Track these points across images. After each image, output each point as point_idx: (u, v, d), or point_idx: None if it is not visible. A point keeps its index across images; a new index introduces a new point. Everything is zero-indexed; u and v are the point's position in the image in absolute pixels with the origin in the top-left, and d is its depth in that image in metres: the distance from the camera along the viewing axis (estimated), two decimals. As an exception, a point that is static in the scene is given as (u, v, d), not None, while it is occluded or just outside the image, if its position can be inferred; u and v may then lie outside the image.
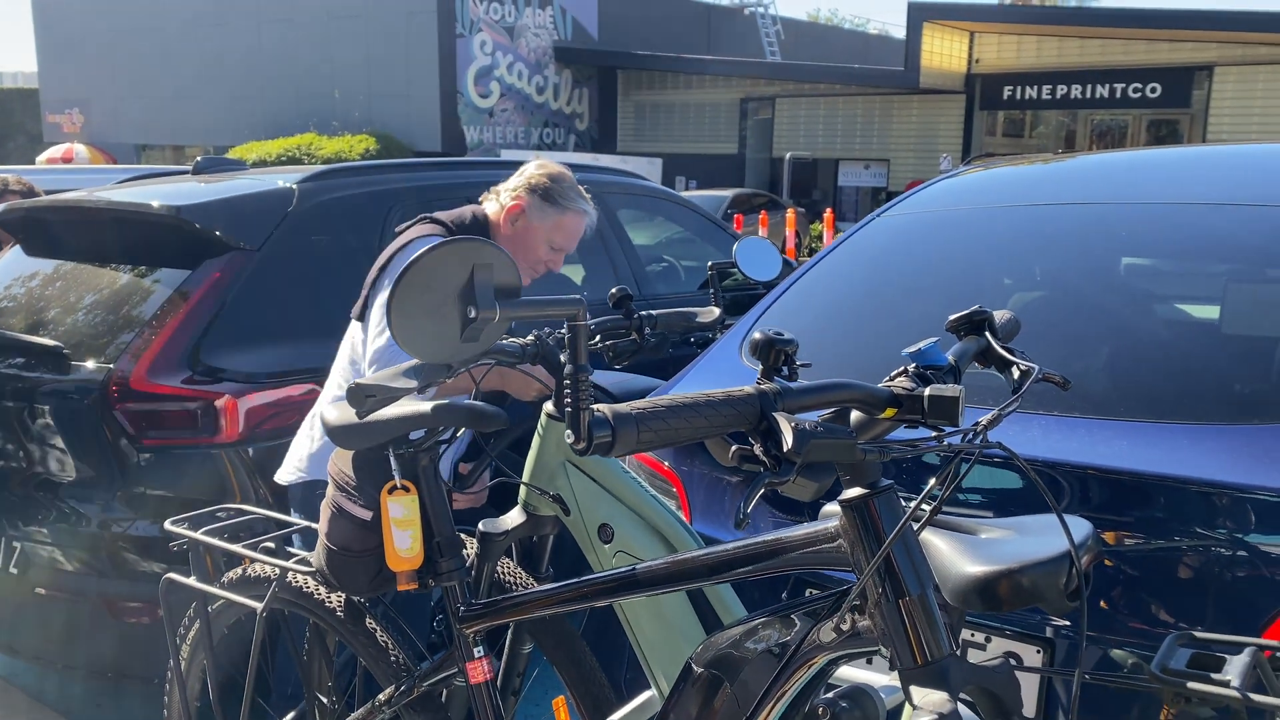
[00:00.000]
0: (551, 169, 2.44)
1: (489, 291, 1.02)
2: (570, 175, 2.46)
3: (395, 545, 1.46)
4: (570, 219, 2.41)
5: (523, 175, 2.42)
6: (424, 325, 1.03)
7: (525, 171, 2.44)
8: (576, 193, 2.43)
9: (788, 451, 0.87)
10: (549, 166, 2.45)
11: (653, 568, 1.27)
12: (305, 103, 23.40)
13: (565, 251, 2.45)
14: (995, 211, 2.55)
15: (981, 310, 1.25)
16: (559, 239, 2.41)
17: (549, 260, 2.44)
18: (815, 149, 22.99)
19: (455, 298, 1.02)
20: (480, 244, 1.03)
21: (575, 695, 1.67)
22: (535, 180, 2.39)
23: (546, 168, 2.44)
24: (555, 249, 2.42)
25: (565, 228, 2.41)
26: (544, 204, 2.38)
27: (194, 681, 1.93)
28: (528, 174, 2.42)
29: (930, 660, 1.06)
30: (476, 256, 1.02)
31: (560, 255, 2.45)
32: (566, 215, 2.40)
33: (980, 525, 1.25)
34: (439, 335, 1.03)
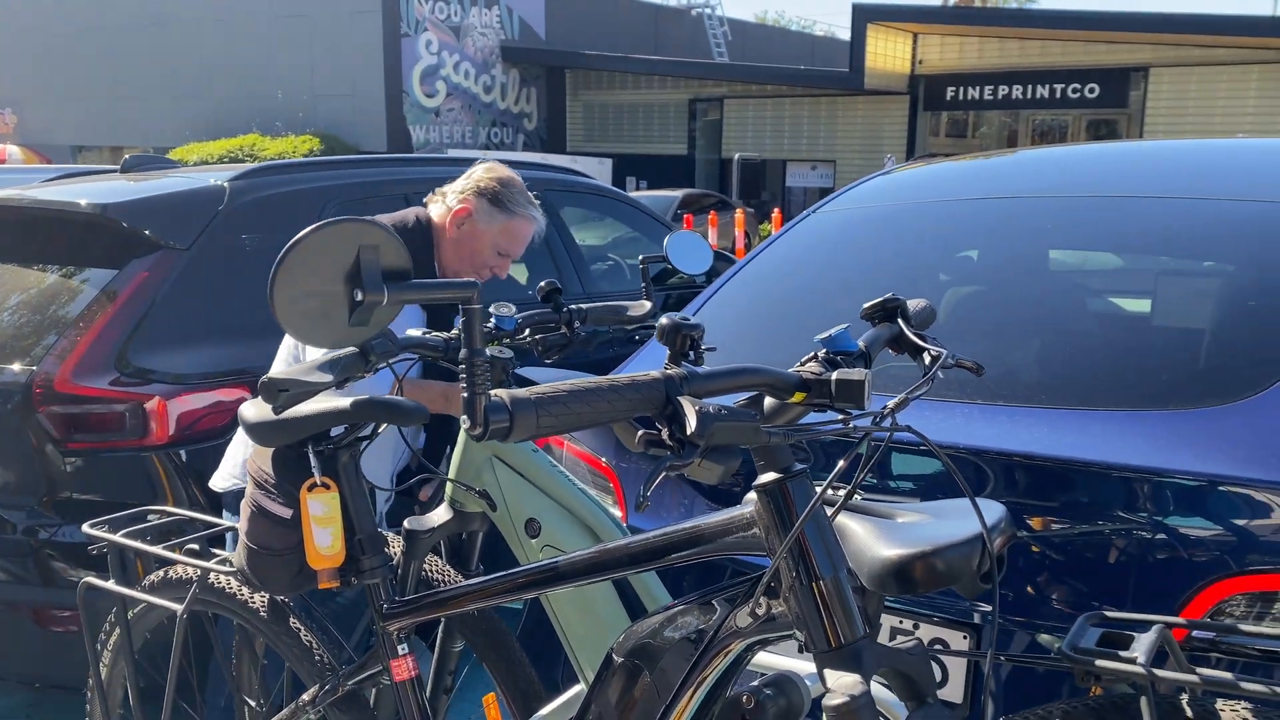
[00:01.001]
0: (501, 173, 2.40)
1: (376, 273, 1.00)
2: (519, 181, 2.42)
3: (316, 543, 1.44)
4: (518, 224, 2.37)
5: (470, 178, 2.38)
6: (309, 308, 1.00)
7: (473, 175, 2.40)
8: (526, 198, 2.40)
9: (691, 434, 0.87)
10: (498, 170, 2.42)
11: (576, 559, 1.26)
12: (248, 103, 23.04)
13: (512, 257, 2.41)
14: (929, 206, 2.59)
15: (894, 298, 1.27)
16: (506, 244, 2.37)
17: (495, 266, 2.41)
18: (763, 150, 23.14)
19: (342, 280, 1.00)
20: (367, 224, 1.01)
21: (505, 692, 1.66)
22: (484, 184, 2.35)
23: (495, 171, 2.40)
24: (502, 254, 2.39)
25: (513, 233, 2.37)
26: (492, 208, 2.34)
27: (116, 689, 1.89)
28: (476, 177, 2.38)
29: (843, 643, 1.07)
30: (363, 238, 1.00)
31: (507, 261, 2.42)
32: (515, 220, 2.36)
33: (896, 510, 1.26)
34: (326, 318, 1.01)
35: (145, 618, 1.81)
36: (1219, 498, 1.51)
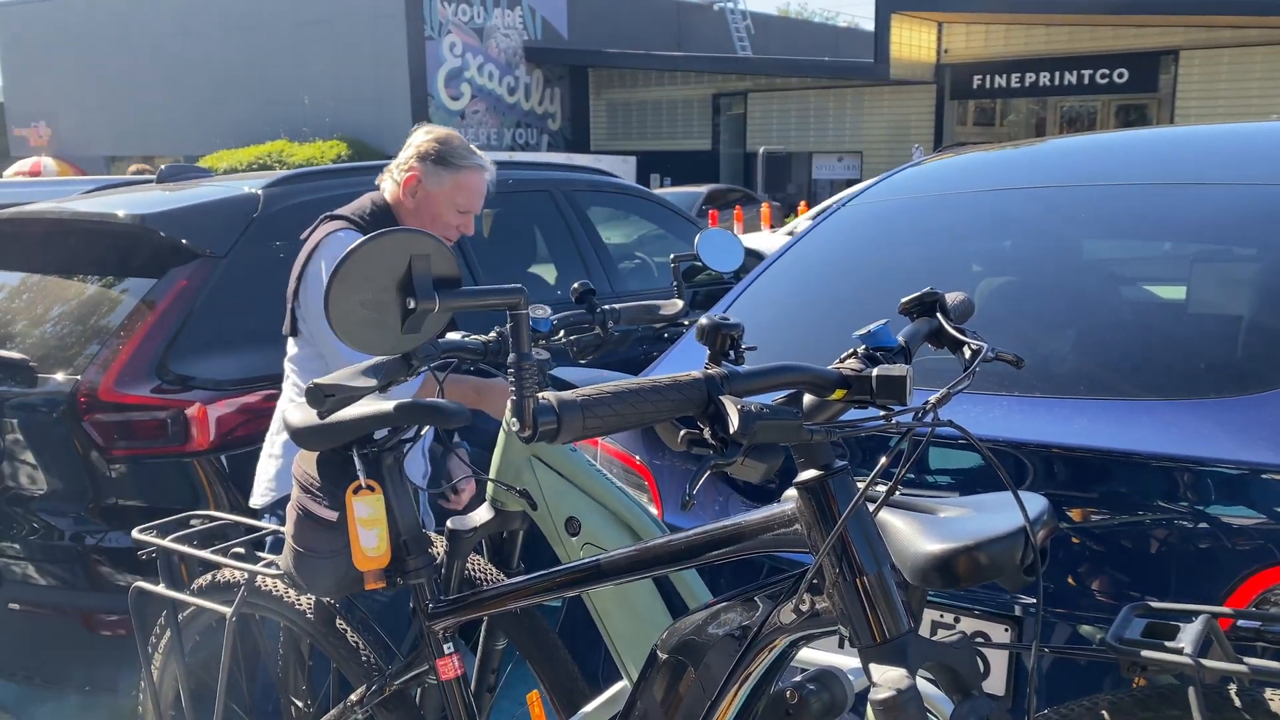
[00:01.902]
0: (438, 132, 2.40)
1: (428, 282, 1.02)
2: (458, 135, 2.41)
3: (362, 545, 1.46)
4: (467, 176, 2.36)
5: (411, 147, 2.39)
6: (363, 317, 1.03)
7: (413, 142, 2.40)
8: (468, 150, 2.39)
9: (734, 433, 0.88)
10: (435, 130, 2.42)
11: (616, 557, 1.27)
12: (275, 109, 23.26)
13: (472, 212, 2.40)
14: (960, 197, 2.57)
15: (932, 292, 1.27)
16: (461, 200, 2.36)
17: (459, 225, 2.40)
18: (788, 143, 23.06)
19: (394, 289, 1.02)
20: (417, 234, 1.03)
21: (549, 689, 1.67)
22: (424, 147, 2.35)
23: (433, 132, 2.41)
24: (461, 211, 2.38)
25: (465, 186, 2.36)
26: (438, 168, 2.33)
27: (167, 691, 1.92)
28: (416, 144, 2.39)
29: (888, 638, 1.07)
30: (414, 247, 1.02)
31: (469, 217, 2.41)
32: (463, 174, 2.35)
33: (938, 504, 1.27)
34: (379, 327, 1.03)
35: (194, 621, 1.84)
36: (1261, 486, 1.50)
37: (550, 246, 4.33)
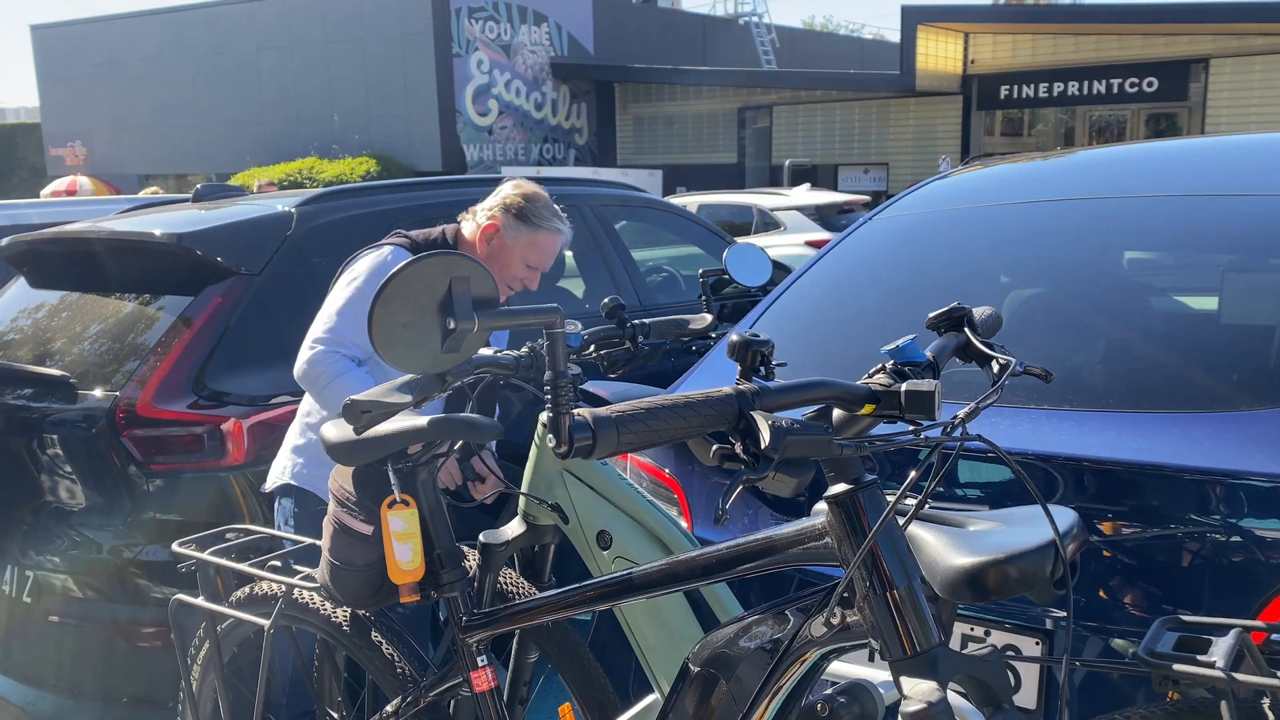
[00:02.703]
0: (527, 189, 2.50)
1: (467, 302, 1.05)
2: (545, 195, 2.51)
3: (396, 558, 1.49)
4: (544, 237, 2.45)
5: (499, 195, 2.49)
6: (405, 336, 1.05)
7: (501, 192, 2.50)
8: (551, 211, 2.48)
9: (765, 448, 0.90)
10: (524, 186, 2.51)
11: (648, 571, 1.29)
12: (305, 127, 23.54)
13: (540, 269, 2.50)
14: (988, 210, 2.58)
15: (960, 306, 1.28)
16: (534, 257, 2.46)
17: (525, 278, 2.49)
18: (814, 155, 23.05)
19: (435, 309, 1.05)
20: (458, 257, 1.06)
21: (580, 701, 1.69)
22: (510, 200, 2.45)
23: (522, 188, 2.50)
24: (531, 267, 2.47)
25: (539, 245, 2.45)
26: (518, 223, 2.43)
27: (206, 702, 1.96)
28: (504, 194, 2.49)
29: (919, 650, 1.08)
30: (454, 269, 1.05)
31: (536, 274, 2.50)
32: (540, 233, 2.44)
33: (968, 518, 1.27)
34: (420, 346, 1.06)
35: (233, 632, 1.87)
36: (1295, 499, 1.49)
37: (579, 260, 4.36)
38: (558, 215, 2.50)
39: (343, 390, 2.31)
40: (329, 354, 2.37)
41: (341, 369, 2.35)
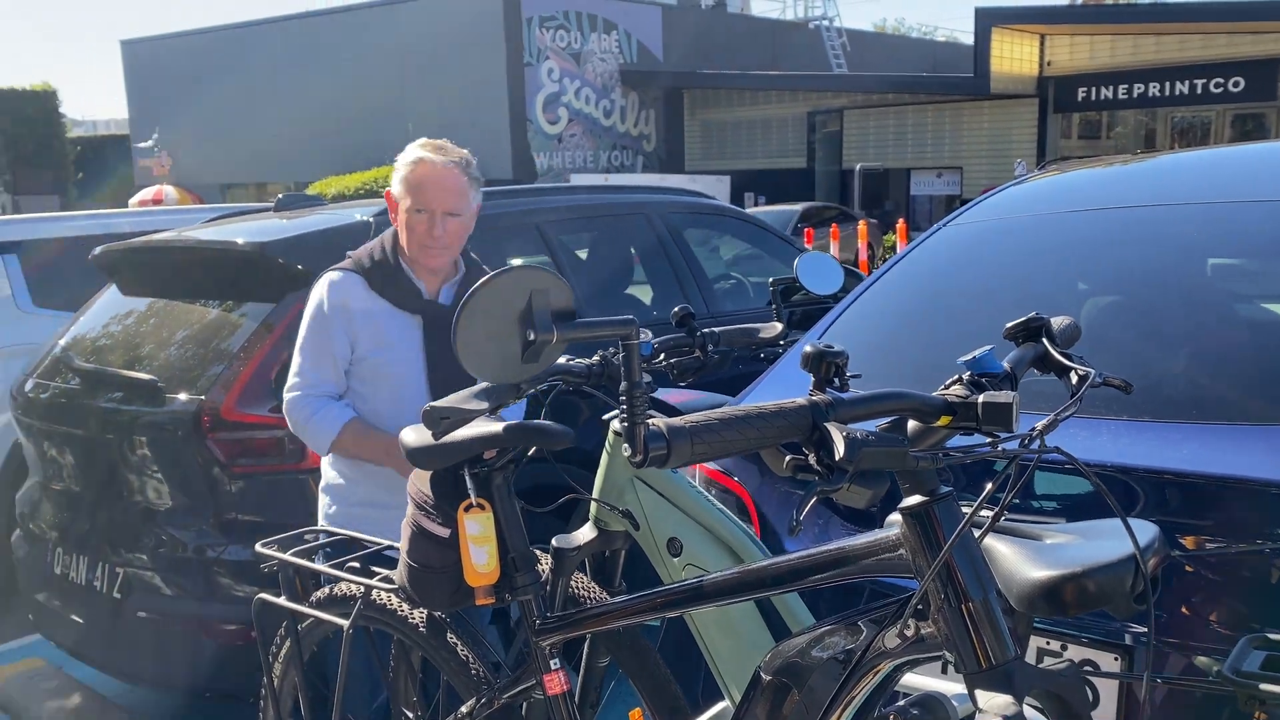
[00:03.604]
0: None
1: (546, 315, 1.07)
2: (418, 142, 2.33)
3: (473, 561, 1.52)
4: (411, 171, 2.25)
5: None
6: (487, 348, 1.08)
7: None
8: (416, 148, 2.29)
9: (840, 460, 0.90)
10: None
11: (720, 579, 1.30)
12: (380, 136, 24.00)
13: (431, 210, 2.24)
14: (1066, 216, 2.53)
15: (1038, 316, 1.26)
16: (418, 198, 2.24)
17: (422, 225, 2.24)
18: (886, 159, 22.80)
19: (515, 321, 1.08)
20: (537, 271, 1.08)
21: (651, 706, 1.70)
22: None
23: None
24: (419, 210, 2.24)
25: (412, 182, 2.24)
26: (396, 179, 2.28)
27: (286, 698, 2.01)
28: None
29: (994, 664, 1.07)
30: (534, 283, 1.08)
31: (427, 216, 2.24)
32: (407, 171, 2.25)
33: (1045, 531, 1.26)
34: (501, 357, 1.09)
35: (313, 631, 1.92)
36: (1390, 515, 1.44)
37: (647, 268, 4.38)
38: (426, 148, 2.29)
39: (318, 433, 2.30)
40: (300, 399, 2.35)
41: (311, 411, 2.32)
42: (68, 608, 3.20)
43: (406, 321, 2.33)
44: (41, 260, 5.08)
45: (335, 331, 2.33)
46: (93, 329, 3.57)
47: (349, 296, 2.33)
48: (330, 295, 2.35)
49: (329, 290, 2.36)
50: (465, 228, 2.33)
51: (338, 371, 2.35)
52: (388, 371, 2.33)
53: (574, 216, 4.14)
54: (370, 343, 2.32)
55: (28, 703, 3.48)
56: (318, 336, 2.36)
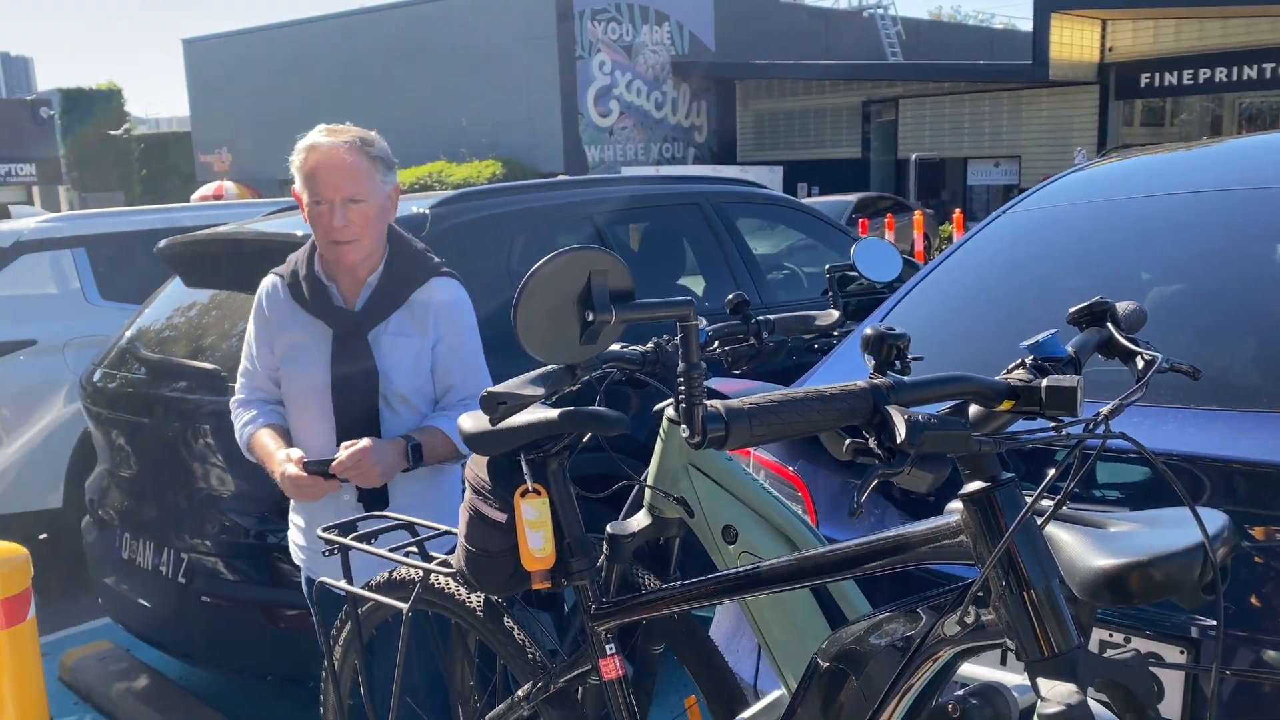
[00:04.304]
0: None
1: (605, 295, 1.08)
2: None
3: (529, 545, 1.53)
4: (304, 160, 2.07)
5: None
6: (546, 328, 1.09)
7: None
8: (310, 134, 2.12)
9: (901, 443, 0.89)
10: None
11: (776, 565, 1.29)
12: (434, 132, 24.25)
13: (331, 198, 2.03)
14: (1128, 203, 2.48)
15: (1103, 301, 1.24)
16: (313, 187, 2.05)
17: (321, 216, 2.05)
18: (942, 149, 22.50)
19: (574, 302, 1.08)
20: (596, 252, 1.09)
21: (706, 694, 1.70)
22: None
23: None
24: (319, 200, 2.04)
25: (307, 171, 2.06)
26: (295, 171, 2.11)
27: (346, 680, 2.05)
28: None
29: (1057, 652, 1.05)
30: (593, 263, 1.08)
31: (326, 208, 2.04)
32: (300, 159, 2.07)
33: (1110, 519, 1.23)
34: (560, 337, 1.09)
35: (372, 615, 1.95)
36: None
37: (699, 258, 4.37)
38: (319, 131, 2.12)
39: (238, 438, 2.29)
40: (233, 402, 2.33)
41: (234, 415, 2.31)
42: (135, 592, 3.29)
43: (319, 332, 2.17)
44: (108, 254, 5.22)
45: (259, 338, 2.27)
46: (157, 320, 3.65)
47: (270, 303, 2.25)
48: (258, 300, 2.28)
49: (258, 295, 2.28)
50: (377, 214, 2.09)
51: (266, 374, 2.28)
52: (293, 385, 2.22)
53: (626, 207, 4.14)
54: (282, 352, 2.23)
55: (96, 684, 3.58)
56: (250, 341, 2.31)
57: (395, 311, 2.14)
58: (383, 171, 2.12)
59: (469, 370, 2.21)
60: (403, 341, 2.15)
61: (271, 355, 2.25)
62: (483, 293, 3.22)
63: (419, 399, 2.17)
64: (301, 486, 2.10)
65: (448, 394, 2.21)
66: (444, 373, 2.19)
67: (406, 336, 2.15)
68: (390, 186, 2.14)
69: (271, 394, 2.29)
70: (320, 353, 2.15)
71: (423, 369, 2.17)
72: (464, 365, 2.20)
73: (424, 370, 2.17)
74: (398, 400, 2.15)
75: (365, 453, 2.01)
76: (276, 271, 2.28)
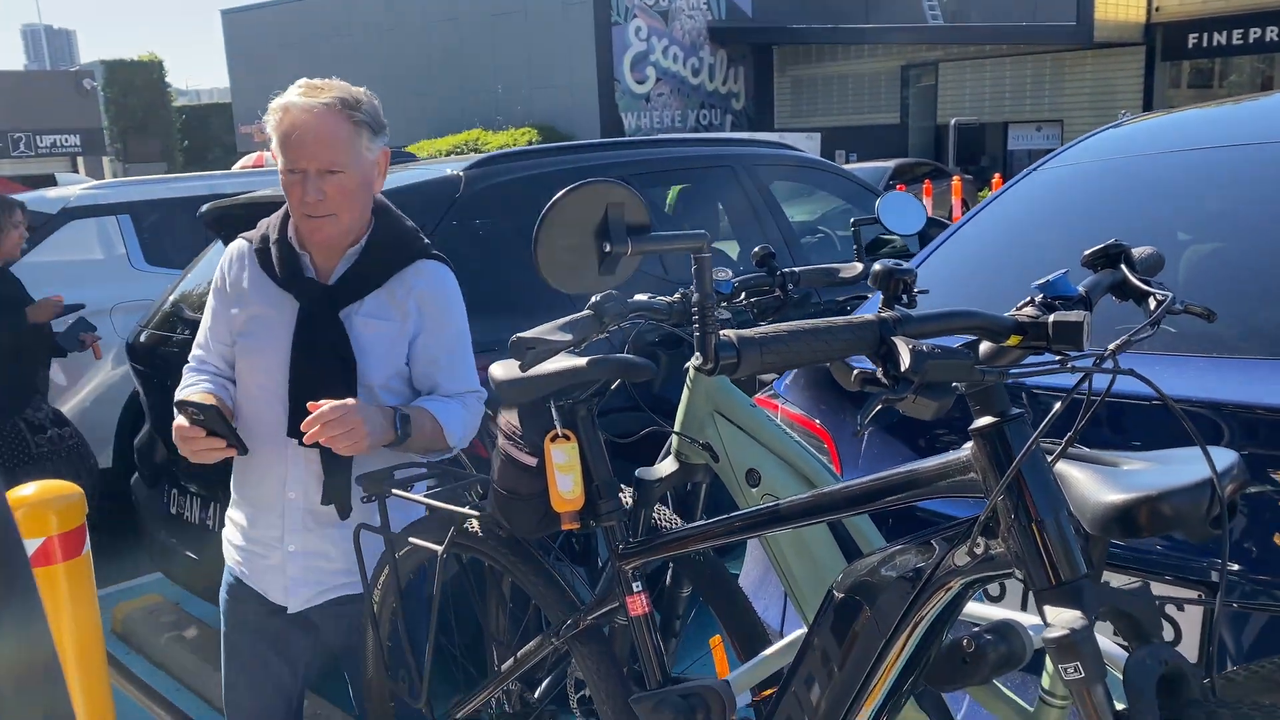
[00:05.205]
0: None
1: (621, 228, 1.12)
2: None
3: (559, 488, 1.59)
4: (279, 121, 1.82)
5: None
6: (565, 259, 1.13)
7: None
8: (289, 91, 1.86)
9: (905, 371, 0.93)
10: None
11: (794, 502, 1.34)
12: (471, 99, 24.29)
13: (305, 168, 1.81)
14: (1165, 157, 2.47)
15: (1118, 243, 1.26)
16: (287, 154, 1.82)
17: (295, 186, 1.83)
18: (982, 113, 22.16)
19: (592, 234, 1.12)
20: (612, 184, 1.13)
21: (730, 634, 1.75)
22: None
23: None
24: (292, 170, 1.82)
25: (281, 135, 1.82)
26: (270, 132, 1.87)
27: (385, 623, 2.12)
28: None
29: (1064, 580, 1.09)
30: (609, 196, 1.12)
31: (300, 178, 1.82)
32: (275, 120, 1.83)
33: (1122, 458, 1.26)
34: (579, 268, 1.14)
35: (410, 558, 2.02)
36: None
37: (733, 221, 4.39)
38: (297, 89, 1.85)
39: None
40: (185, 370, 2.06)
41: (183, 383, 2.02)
42: (183, 545, 3.40)
43: (285, 305, 1.92)
44: (152, 220, 5.34)
45: (219, 305, 2.02)
46: (200, 284, 3.74)
47: (236, 269, 2.00)
48: (220, 268, 2.05)
49: (221, 262, 2.06)
50: (357, 186, 1.84)
51: (219, 348, 2.03)
52: (248, 363, 1.96)
53: (659, 170, 4.16)
54: (242, 323, 1.97)
55: (148, 636, 3.71)
56: (209, 309, 2.06)
57: (373, 291, 1.90)
58: (368, 137, 1.85)
59: (455, 368, 1.96)
60: (378, 325, 1.90)
61: (229, 331, 2.00)
62: (516, 255, 3.27)
63: (388, 395, 1.92)
64: (186, 439, 1.81)
65: (433, 392, 1.96)
66: (426, 369, 1.94)
67: (383, 320, 1.90)
68: (377, 153, 1.88)
69: (223, 370, 2.04)
70: (283, 328, 1.91)
71: (396, 360, 1.92)
72: (450, 362, 1.95)
73: (397, 362, 1.92)
74: (365, 392, 1.89)
75: (350, 409, 1.73)
76: (245, 236, 2.04)
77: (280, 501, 1.96)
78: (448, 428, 1.88)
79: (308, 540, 1.96)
